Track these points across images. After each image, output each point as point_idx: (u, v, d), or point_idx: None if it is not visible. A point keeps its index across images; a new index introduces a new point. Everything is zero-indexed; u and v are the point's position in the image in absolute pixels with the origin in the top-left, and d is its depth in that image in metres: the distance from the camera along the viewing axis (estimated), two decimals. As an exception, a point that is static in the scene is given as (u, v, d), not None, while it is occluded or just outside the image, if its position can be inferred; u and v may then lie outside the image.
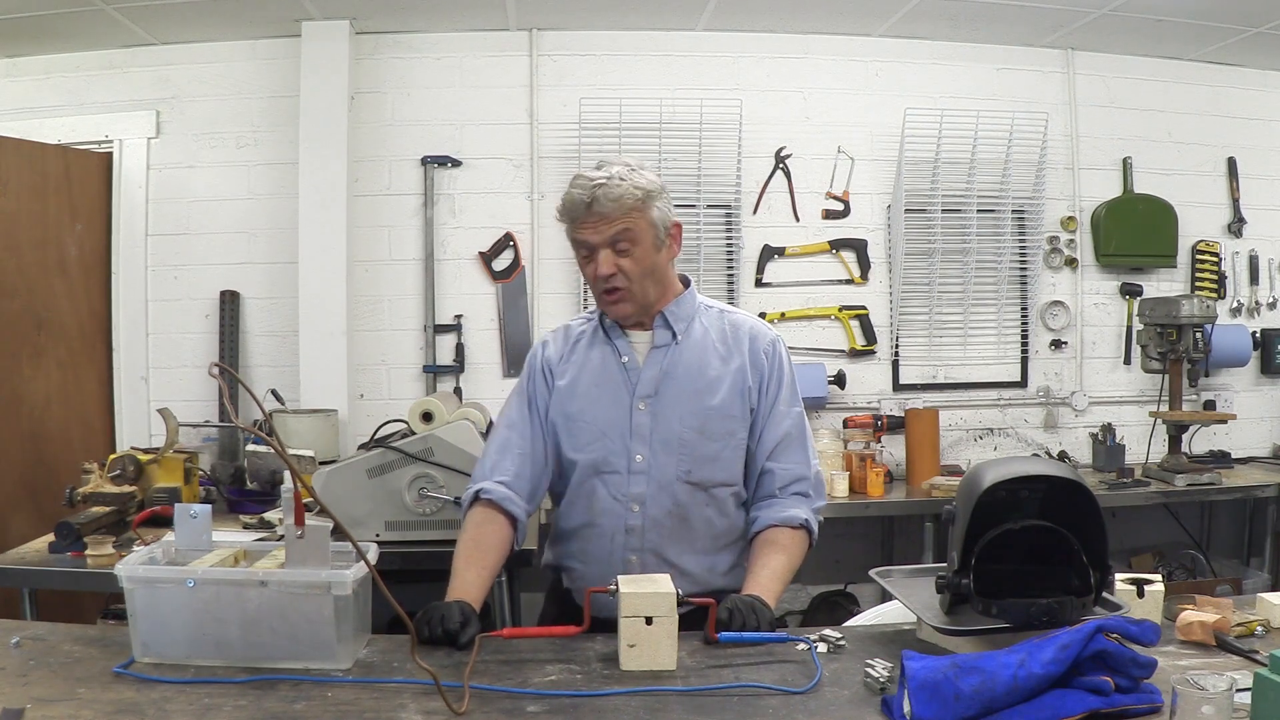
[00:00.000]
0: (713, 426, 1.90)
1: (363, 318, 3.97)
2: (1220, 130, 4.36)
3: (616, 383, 1.93)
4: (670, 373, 1.91)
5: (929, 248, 4.14)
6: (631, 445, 1.89)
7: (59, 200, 3.78)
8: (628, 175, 1.86)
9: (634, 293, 1.89)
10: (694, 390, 1.90)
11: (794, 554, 1.91)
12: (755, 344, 1.96)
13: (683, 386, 1.90)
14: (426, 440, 2.71)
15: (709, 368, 1.92)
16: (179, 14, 3.65)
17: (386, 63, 3.99)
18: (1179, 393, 3.84)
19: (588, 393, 1.94)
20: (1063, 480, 1.57)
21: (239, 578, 1.54)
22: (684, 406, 1.89)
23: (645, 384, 1.91)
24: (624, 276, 1.87)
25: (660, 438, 1.89)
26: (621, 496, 1.89)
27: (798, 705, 1.39)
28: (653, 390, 1.90)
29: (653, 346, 1.94)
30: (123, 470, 2.91)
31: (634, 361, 1.93)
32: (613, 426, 1.90)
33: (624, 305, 1.90)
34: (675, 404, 1.89)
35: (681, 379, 1.91)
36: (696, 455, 1.89)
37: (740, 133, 4.00)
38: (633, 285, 1.88)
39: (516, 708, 1.38)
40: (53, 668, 1.50)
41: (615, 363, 1.94)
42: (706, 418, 1.90)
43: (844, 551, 4.14)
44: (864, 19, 3.98)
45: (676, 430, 1.88)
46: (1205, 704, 1.12)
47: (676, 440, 1.88)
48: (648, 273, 1.89)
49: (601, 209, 1.83)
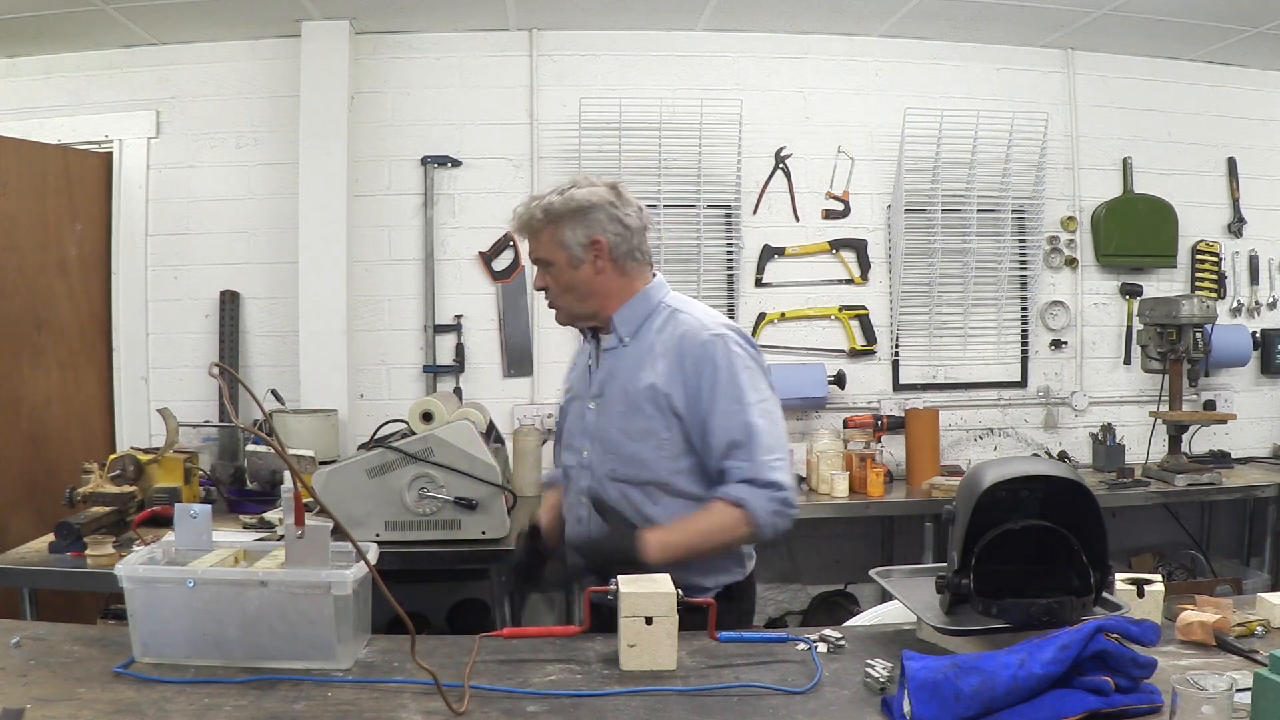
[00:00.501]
0: (632, 426, 1.96)
1: (363, 318, 3.97)
2: (1220, 130, 4.36)
3: (584, 383, 2.09)
4: (613, 374, 2.01)
5: (929, 248, 4.14)
6: (582, 442, 2.04)
7: (59, 200, 3.78)
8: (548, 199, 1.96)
9: (561, 306, 2.05)
10: (624, 391, 1.98)
11: (716, 520, 1.89)
12: (684, 345, 1.94)
13: (618, 388, 1.99)
14: (426, 440, 2.71)
15: (643, 369, 1.96)
16: (179, 14, 3.65)
17: (386, 63, 3.99)
18: (1179, 393, 3.84)
19: (570, 395, 2.15)
20: (1063, 480, 1.57)
21: (239, 578, 1.54)
22: (617, 407, 1.99)
23: (595, 385, 2.05)
24: (549, 292, 2.04)
25: (600, 436, 2.00)
26: (575, 489, 2.05)
27: (798, 705, 1.39)
28: (600, 391, 2.03)
29: (604, 350, 2.06)
30: (123, 470, 2.91)
31: (595, 363, 2.08)
32: (575, 425, 2.08)
33: (557, 315, 2.08)
34: (612, 405, 2.00)
35: (619, 380, 2.00)
36: (620, 454, 1.97)
37: (740, 133, 4.00)
38: (556, 300, 2.04)
39: (516, 708, 1.38)
40: (53, 668, 1.50)
41: (584, 364, 2.11)
42: (629, 418, 1.96)
43: (844, 551, 4.14)
44: (864, 19, 3.98)
45: (610, 430, 1.99)
46: (1205, 704, 1.12)
47: (609, 439, 1.99)
48: (567, 289, 2.01)
49: (518, 228, 2.02)
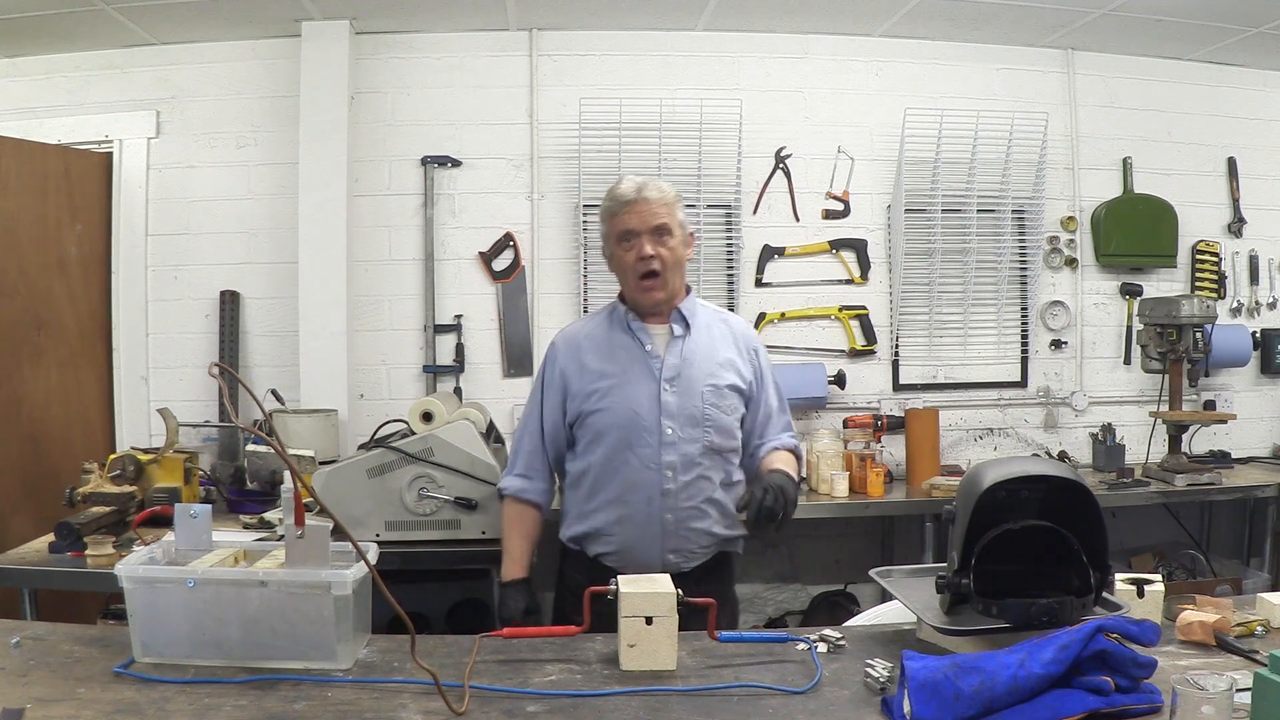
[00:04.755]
0: (724, 402, 2.25)
1: (363, 318, 3.97)
2: (1220, 130, 4.36)
3: (642, 368, 2.23)
4: (688, 359, 2.24)
5: (929, 248, 4.14)
6: (662, 421, 2.19)
7: (59, 200, 3.78)
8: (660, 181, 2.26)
9: (666, 279, 2.22)
10: (707, 373, 2.24)
11: (789, 458, 2.31)
12: (748, 344, 2.36)
13: (699, 371, 2.24)
14: (426, 440, 2.72)
15: (718, 355, 2.28)
16: (179, 14, 3.65)
17: (386, 63, 3.99)
18: (1179, 393, 3.84)
19: (618, 378, 2.23)
20: (1063, 480, 1.57)
21: (239, 578, 1.54)
22: (702, 386, 2.23)
23: (669, 369, 2.23)
24: (660, 261, 2.20)
25: (685, 414, 2.20)
26: (654, 465, 2.18)
27: (798, 705, 1.39)
28: (675, 374, 2.23)
29: (671, 337, 2.26)
30: (123, 470, 2.91)
31: (656, 350, 2.25)
32: (643, 406, 2.20)
33: (657, 292, 2.23)
34: (694, 385, 2.22)
35: (697, 364, 2.24)
36: (716, 426, 2.23)
37: (740, 133, 4.00)
38: (666, 272, 2.21)
39: (516, 708, 1.39)
40: (53, 668, 1.50)
41: (639, 351, 2.25)
42: (719, 395, 2.24)
43: (844, 551, 4.14)
44: (864, 19, 3.98)
45: (699, 407, 2.21)
46: (1205, 704, 1.12)
47: (700, 415, 2.21)
48: (677, 263, 2.24)
49: (648, 196, 2.20)
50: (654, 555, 2.18)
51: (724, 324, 2.35)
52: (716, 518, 2.24)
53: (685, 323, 2.27)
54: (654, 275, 2.20)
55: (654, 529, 2.18)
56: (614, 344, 2.27)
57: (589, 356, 2.27)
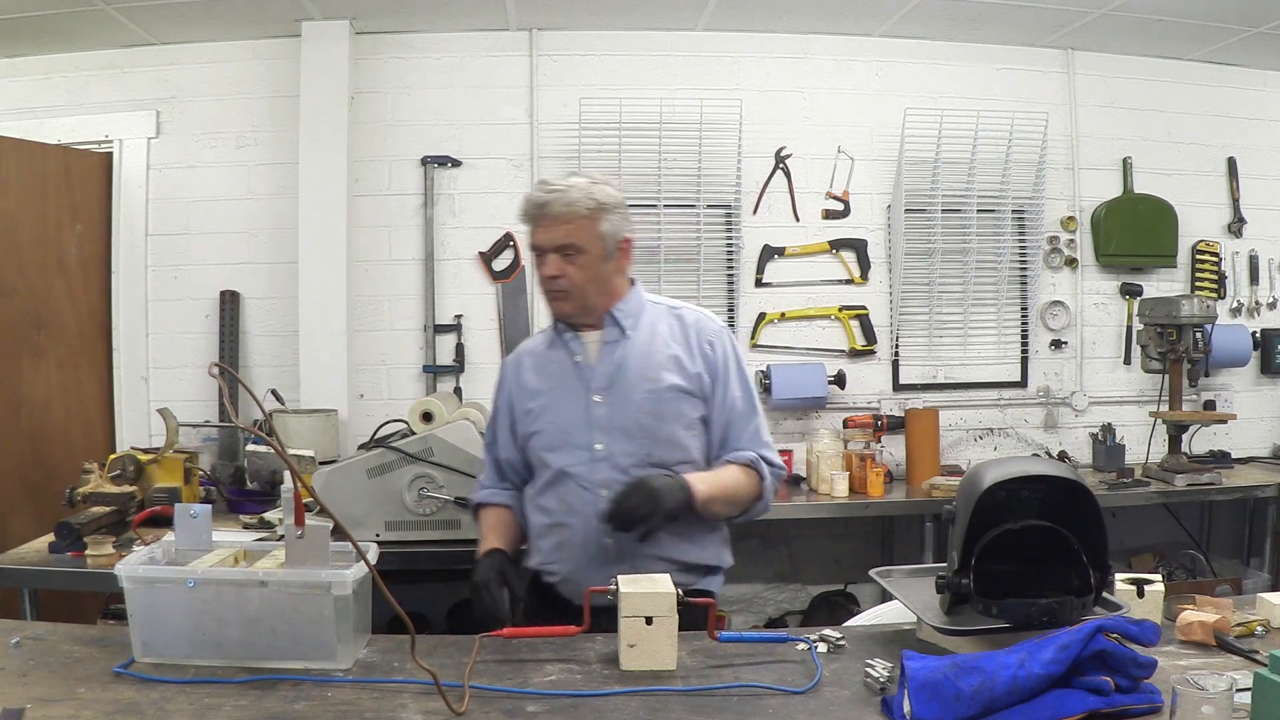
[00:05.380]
0: (664, 409, 2.01)
1: (363, 318, 3.97)
2: (1220, 130, 4.36)
3: (571, 381, 2.05)
4: (623, 365, 2.03)
5: (929, 248, 4.14)
6: (592, 435, 2.00)
7: (59, 200, 3.78)
8: (587, 186, 2.00)
9: (575, 297, 2.02)
10: (644, 378, 2.02)
11: (735, 475, 2.03)
12: (700, 335, 2.08)
13: (634, 376, 2.02)
14: (426, 440, 2.72)
15: (657, 355, 2.04)
16: (179, 14, 3.65)
17: (386, 63, 3.99)
18: (1179, 393, 3.84)
19: (549, 395, 2.07)
20: (1063, 480, 1.57)
21: (239, 578, 1.54)
22: (638, 394, 2.00)
23: (600, 377, 2.03)
24: (568, 280, 2.00)
25: (618, 425, 1.99)
26: (589, 485, 1.98)
27: (798, 705, 1.39)
28: (607, 383, 2.02)
29: (604, 343, 2.06)
30: (123, 470, 2.91)
31: (586, 359, 2.06)
32: (572, 421, 2.02)
33: (564, 304, 2.04)
34: (629, 392, 2.01)
35: (633, 370, 2.02)
36: (656, 438, 1.99)
37: (740, 133, 4.00)
38: (575, 290, 2.01)
39: (516, 708, 1.38)
40: (53, 668, 1.50)
41: (569, 363, 2.07)
42: (658, 402, 2.00)
43: (844, 551, 4.14)
44: (864, 19, 3.98)
45: (633, 416, 1.99)
46: (1205, 704, 1.12)
47: (635, 426, 1.99)
48: (591, 280, 2.01)
49: (554, 212, 1.97)
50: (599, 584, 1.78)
51: (675, 319, 2.10)
52: (673, 544, 1.98)
53: (620, 326, 2.05)
54: (560, 292, 2.01)
55: (594, 554, 1.97)
56: (549, 359, 2.10)
57: (528, 375, 2.12)
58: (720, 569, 2.08)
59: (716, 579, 2.07)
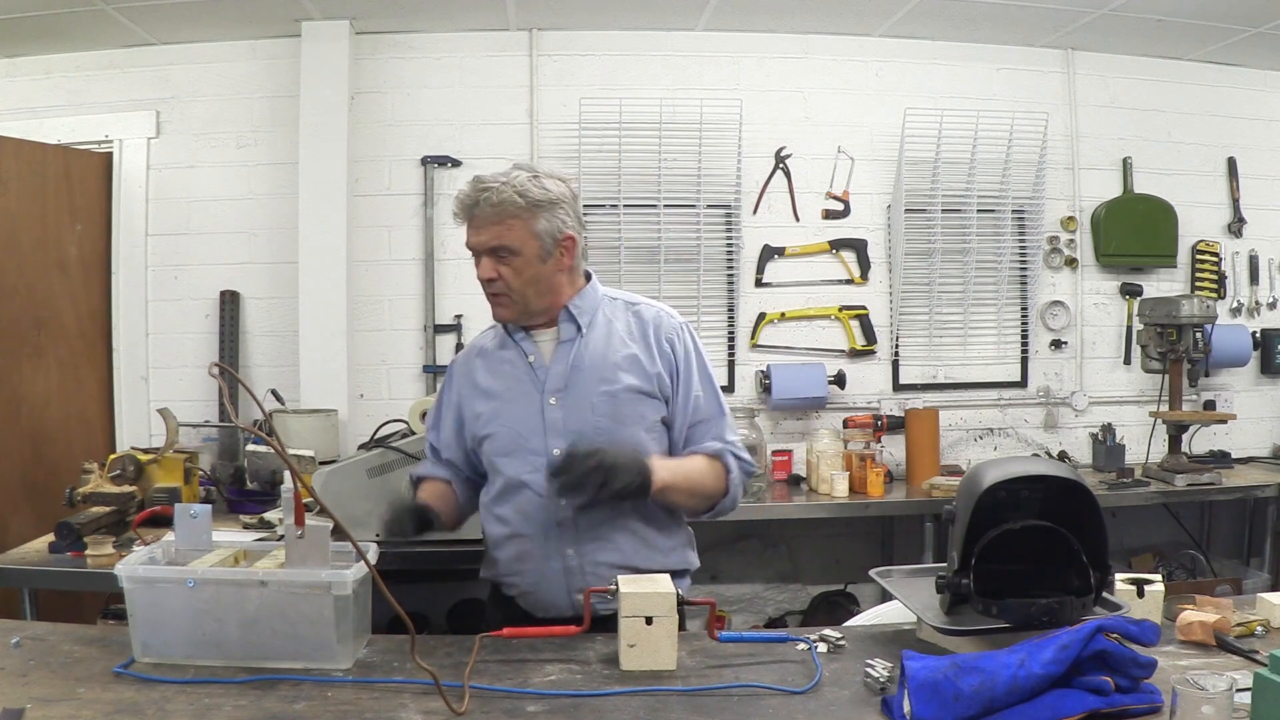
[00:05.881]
0: (623, 411, 1.90)
1: (363, 318, 3.97)
2: (1220, 130, 4.36)
3: (525, 383, 1.94)
4: (578, 365, 1.92)
5: (929, 248, 4.14)
6: (548, 441, 1.89)
7: (59, 200, 3.78)
8: (521, 183, 1.87)
9: (514, 299, 1.91)
10: (601, 379, 1.91)
11: (701, 465, 1.94)
12: (659, 331, 1.97)
13: (590, 377, 1.92)
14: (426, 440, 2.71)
15: (614, 354, 1.93)
16: (179, 14, 3.65)
17: (386, 63, 3.99)
18: (1179, 393, 3.84)
19: (501, 398, 1.96)
20: (1063, 480, 1.57)
21: (239, 578, 1.54)
22: (594, 396, 1.90)
23: (554, 379, 1.92)
24: (503, 283, 1.89)
25: (574, 429, 1.89)
26: (544, 492, 1.88)
27: (798, 705, 1.39)
28: (562, 384, 1.92)
29: (559, 342, 1.95)
30: (123, 470, 2.91)
31: (540, 360, 1.95)
32: (526, 426, 1.92)
33: (503, 309, 1.93)
34: (585, 394, 1.90)
35: (589, 370, 1.92)
36: (613, 440, 1.86)
37: (740, 133, 4.00)
38: (512, 293, 1.90)
39: (516, 708, 1.38)
40: (53, 668, 1.50)
41: (522, 364, 1.96)
42: (616, 404, 1.90)
43: (844, 551, 4.14)
44: (864, 19, 3.98)
45: (590, 420, 1.89)
46: (1205, 704, 1.12)
47: (591, 430, 1.88)
48: (529, 282, 1.90)
49: (482, 213, 1.86)
50: (561, 597, 1.85)
51: (633, 315, 1.99)
52: (634, 551, 1.90)
53: (576, 324, 1.95)
54: (498, 295, 1.91)
55: (555, 566, 1.89)
56: (501, 358, 1.99)
57: (480, 374, 2.00)
58: (687, 571, 2.00)
59: (684, 582, 1.97)
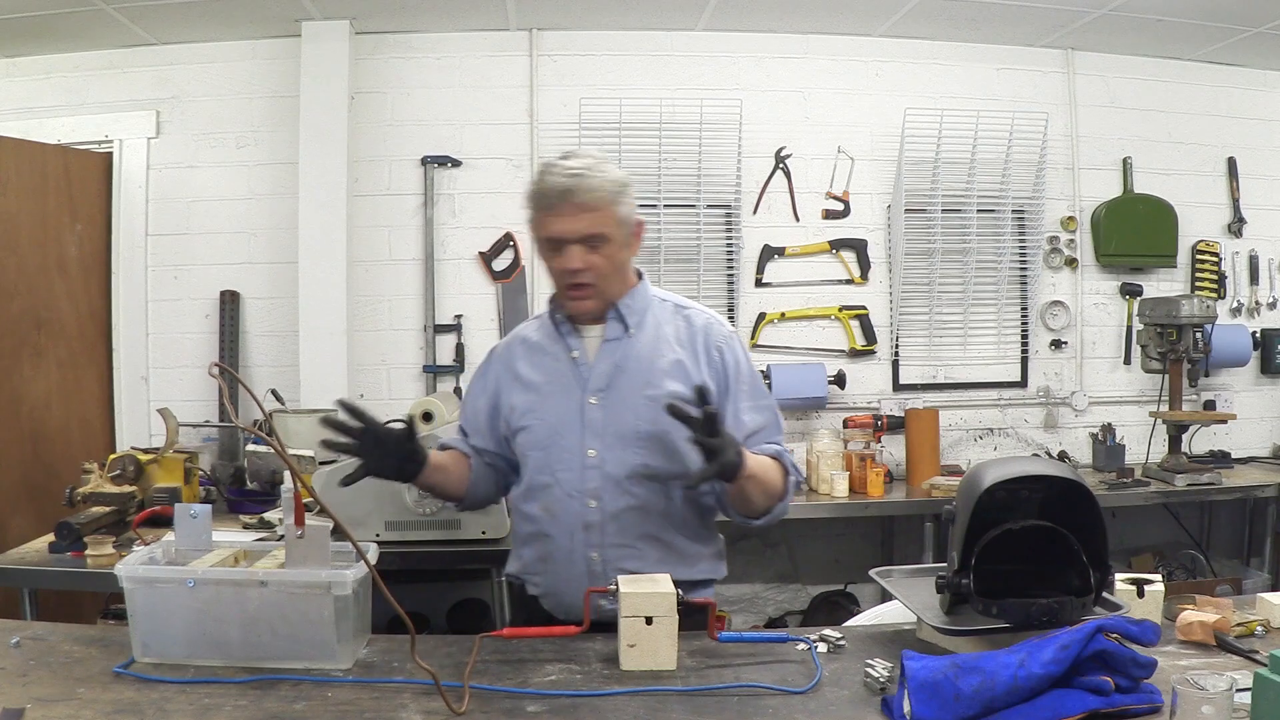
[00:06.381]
0: (664, 417, 1.75)
1: (363, 318, 3.97)
2: (1220, 130, 4.36)
3: (567, 379, 1.90)
4: (622, 366, 1.88)
5: (929, 248, 4.14)
6: (585, 440, 1.85)
7: (59, 200, 3.78)
8: (600, 168, 1.83)
9: (600, 290, 1.86)
10: (646, 382, 1.86)
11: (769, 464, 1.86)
12: (709, 339, 1.93)
13: (635, 379, 1.86)
14: (426, 440, 2.71)
15: (661, 359, 1.88)
16: (179, 14, 3.65)
17: (386, 63, 3.99)
18: (1179, 393, 3.84)
19: (540, 391, 1.91)
20: (1063, 480, 1.57)
21: (239, 578, 1.53)
22: (637, 399, 1.85)
23: (597, 378, 1.88)
24: (593, 273, 1.84)
25: (614, 431, 1.84)
26: (576, 493, 1.84)
27: (798, 705, 1.39)
28: (605, 384, 1.87)
29: (604, 340, 1.90)
30: (123, 470, 2.91)
31: (584, 356, 1.90)
32: (564, 423, 1.87)
33: (589, 302, 1.87)
34: (628, 397, 1.85)
35: (634, 372, 1.87)
36: (653, 447, 1.83)
37: (740, 133, 4.00)
38: (599, 283, 1.85)
39: (516, 708, 1.38)
40: (53, 668, 1.50)
41: (565, 358, 1.91)
42: (658, 409, 1.77)
43: (844, 551, 4.14)
44: (864, 19, 3.98)
45: (631, 423, 1.84)
46: (1205, 704, 1.12)
47: (631, 434, 1.84)
48: (616, 269, 1.87)
49: (579, 200, 1.80)
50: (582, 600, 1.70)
51: (682, 320, 1.94)
52: (659, 559, 1.84)
53: (624, 323, 1.90)
54: (583, 286, 1.85)
55: (578, 569, 1.84)
56: (545, 350, 1.94)
57: (521, 364, 1.95)
58: (712, 581, 1.96)
59: (707, 591, 1.92)
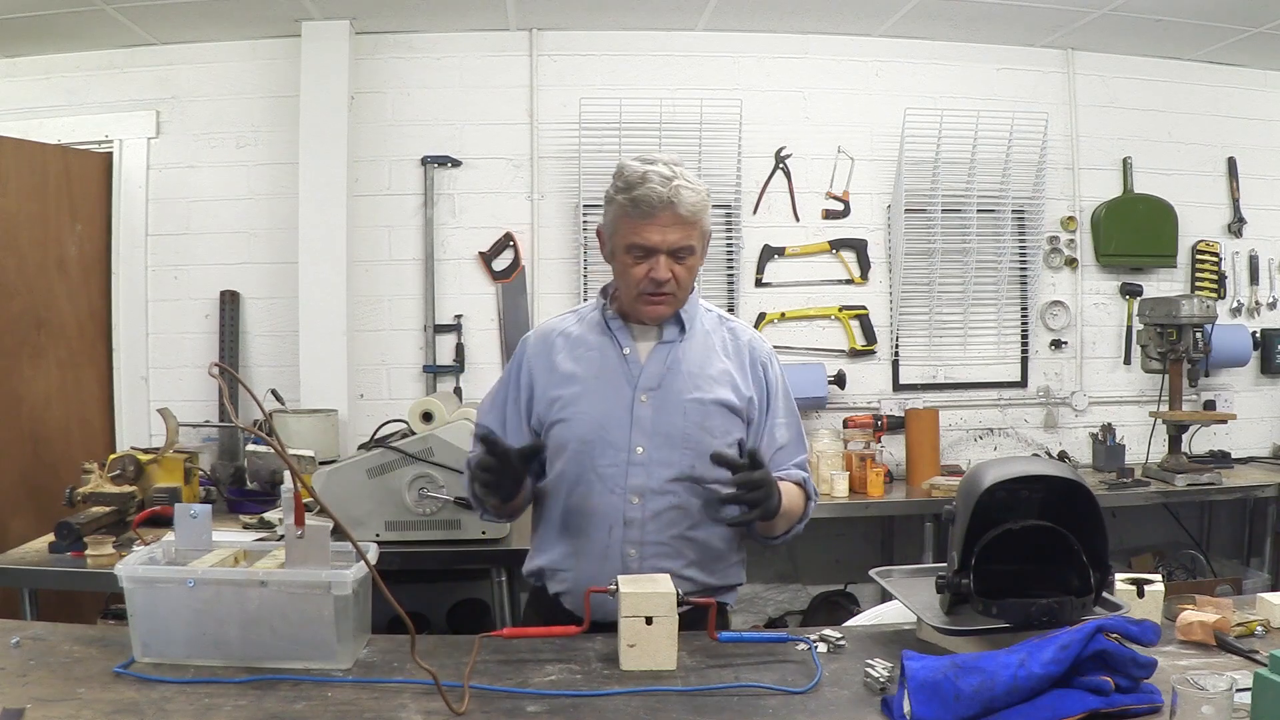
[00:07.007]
0: (713, 423, 1.88)
1: (363, 318, 3.97)
2: (1220, 130, 4.36)
3: (617, 374, 1.90)
4: (674, 368, 1.90)
5: (929, 248, 4.14)
6: (632, 437, 1.86)
7: (59, 200, 3.78)
8: (693, 179, 1.85)
9: (679, 298, 1.90)
10: (695, 386, 1.89)
11: (794, 493, 1.92)
12: (754, 356, 1.98)
13: (685, 382, 1.89)
14: (426, 440, 2.71)
15: (711, 366, 1.92)
16: (179, 14, 3.65)
17: (386, 63, 3.99)
18: (1179, 393, 3.84)
19: (585, 385, 1.90)
20: (1063, 480, 1.57)
21: (239, 578, 1.53)
22: (685, 401, 1.88)
23: (649, 377, 1.89)
24: (675, 284, 1.86)
25: (662, 431, 1.86)
26: (619, 489, 1.85)
27: (798, 705, 1.39)
28: (656, 384, 1.89)
29: (659, 341, 1.92)
30: (123, 470, 2.91)
31: (635, 354, 1.91)
32: (611, 418, 1.87)
33: (665, 307, 1.90)
34: (677, 398, 1.88)
35: (685, 375, 1.90)
36: (700, 451, 1.84)
37: (740, 133, 4.00)
38: (679, 292, 1.88)
39: (516, 708, 1.38)
40: (53, 668, 1.50)
41: (616, 354, 1.92)
42: (707, 414, 1.88)
43: (844, 551, 4.14)
44: (864, 19, 3.98)
45: (679, 425, 1.86)
46: (1205, 704, 1.12)
47: (680, 435, 1.86)
48: (693, 280, 1.92)
49: (679, 212, 1.81)
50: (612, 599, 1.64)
51: (727, 331, 1.99)
52: (693, 560, 1.86)
53: (680, 326, 1.93)
54: (664, 295, 1.86)
55: (613, 565, 1.82)
56: (589, 344, 1.93)
57: (561, 357, 1.93)
58: (737, 586, 1.99)
59: (731, 596, 1.98)
